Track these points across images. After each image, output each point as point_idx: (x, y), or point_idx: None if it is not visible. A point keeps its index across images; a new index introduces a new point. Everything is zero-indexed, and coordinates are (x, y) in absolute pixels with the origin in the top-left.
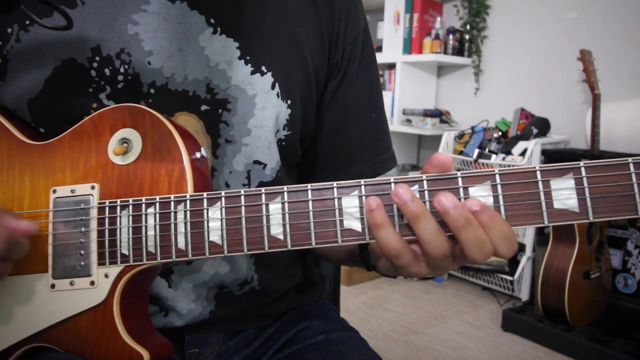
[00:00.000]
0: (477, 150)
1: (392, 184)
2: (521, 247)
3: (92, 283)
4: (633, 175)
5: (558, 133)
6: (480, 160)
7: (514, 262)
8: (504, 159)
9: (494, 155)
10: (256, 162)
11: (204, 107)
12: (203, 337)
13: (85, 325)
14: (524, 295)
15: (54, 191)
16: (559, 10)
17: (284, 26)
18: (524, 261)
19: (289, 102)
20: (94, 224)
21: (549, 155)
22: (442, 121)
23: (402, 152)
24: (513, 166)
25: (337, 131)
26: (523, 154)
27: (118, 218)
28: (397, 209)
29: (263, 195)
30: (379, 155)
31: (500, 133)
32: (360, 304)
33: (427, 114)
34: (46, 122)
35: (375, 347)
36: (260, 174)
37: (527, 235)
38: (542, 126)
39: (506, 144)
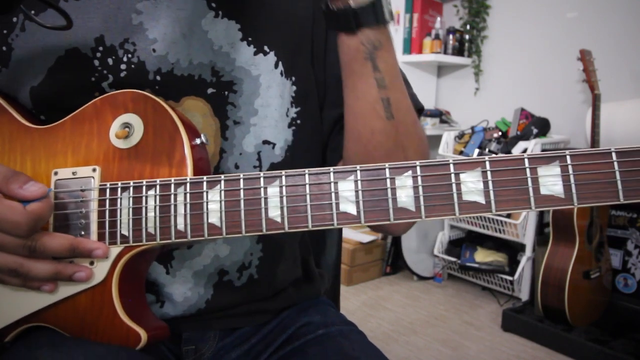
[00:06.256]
0: (477, 150)
1: (387, 170)
2: (521, 247)
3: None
4: (615, 164)
5: (558, 133)
6: None
7: (513, 262)
8: None
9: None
10: (265, 142)
11: (210, 90)
12: (200, 334)
13: (83, 305)
14: (524, 295)
15: (55, 173)
16: (559, 10)
17: (284, 3)
18: (524, 261)
19: (294, 78)
20: (94, 206)
21: None
22: (442, 121)
23: None
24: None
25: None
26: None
27: (119, 200)
28: None
29: (262, 179)
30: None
31: (500, 133)
32: (360, 304)
33: (427, 114)
34: (47, 110)
35: None
36: (270, 155)
37: (527, 236)
38: (542, 126)
39: (506, 144)
